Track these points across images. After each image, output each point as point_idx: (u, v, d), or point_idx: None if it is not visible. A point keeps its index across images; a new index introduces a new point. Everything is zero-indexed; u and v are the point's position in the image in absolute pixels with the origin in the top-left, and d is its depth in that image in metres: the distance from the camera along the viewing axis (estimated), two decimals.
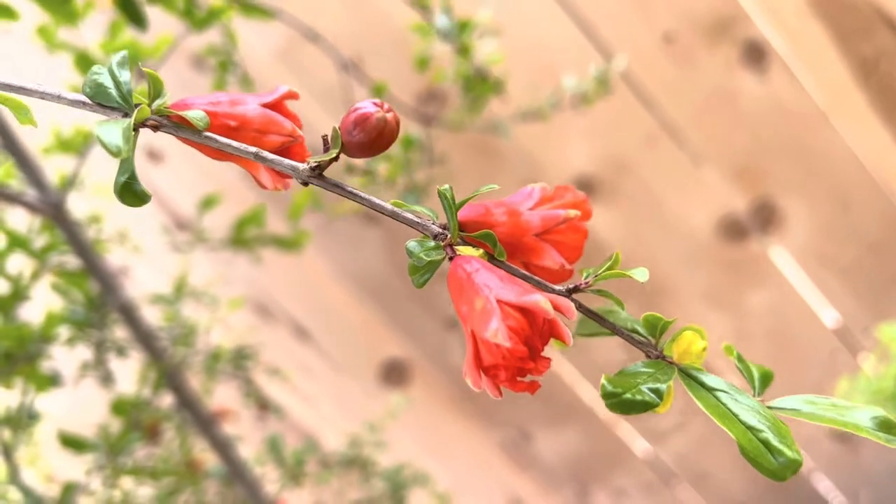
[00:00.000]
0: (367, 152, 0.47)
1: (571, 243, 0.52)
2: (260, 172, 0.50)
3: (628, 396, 0.42)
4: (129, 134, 0.43)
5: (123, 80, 0.46)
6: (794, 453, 0.39)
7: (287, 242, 1.34)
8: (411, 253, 0.47)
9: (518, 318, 0.42)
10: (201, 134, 0.47)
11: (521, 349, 0.41)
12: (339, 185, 0.47)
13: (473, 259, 0.46)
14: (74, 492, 1.13)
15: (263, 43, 1.66)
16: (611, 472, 2.02)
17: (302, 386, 1.93)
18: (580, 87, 1.43)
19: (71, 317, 1.24)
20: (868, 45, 1.65)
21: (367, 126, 0.46)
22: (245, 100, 0.50)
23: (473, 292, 0.44)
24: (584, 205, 0.53)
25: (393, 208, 0.47)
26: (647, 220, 1.79)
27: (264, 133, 0.49)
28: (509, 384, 0.43)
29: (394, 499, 1.58)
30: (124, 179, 0.45)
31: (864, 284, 1.82)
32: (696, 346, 0.45)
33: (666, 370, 0.44)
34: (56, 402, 1.60)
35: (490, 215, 0.51)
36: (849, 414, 0.42)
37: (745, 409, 0.42)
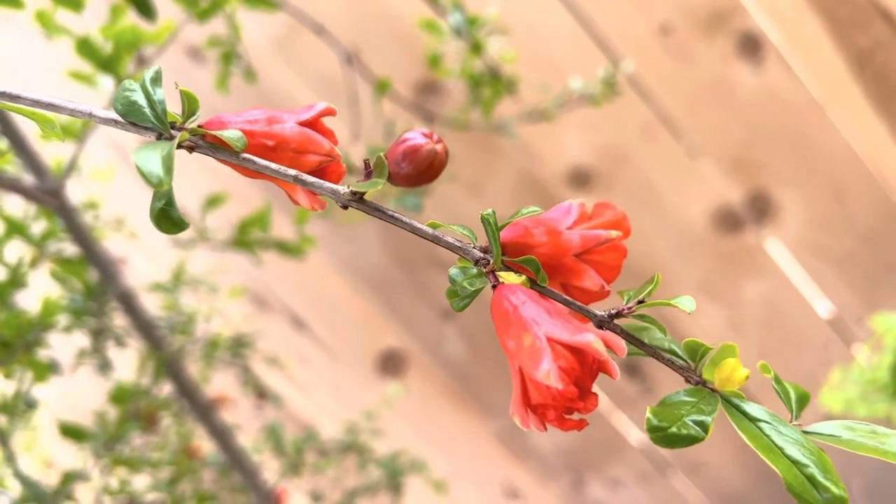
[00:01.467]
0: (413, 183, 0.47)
1: (611, 263, 0.51)
2: (297, 193, 0.48)
3: (674, 430, 0.41)
4: (171, 163, 0.40)
5: (158, 99, 0.44)
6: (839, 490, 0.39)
7: (290, 248, 1.33)
8: (454, 281, 0.46)
9: (569, 357, 0.41)
10: (239, 156, 0.45)
11: (571, 390, 0.40)
12: (380, 210, 0.46)
13: (519, 290, 0.45)
14: (73, 480, 1.13)
15: (260, 32, 1.66)
16: (606, 461, 2.03)
17: (299, 376, 1.93)
18: (587, 88, 1.42)
19: (69, 305, 1.24)
20: (864, 36, 1.66)
21: (417, 158, 0.46)
22: (282, 118, 0.48)
23: (521, 327, 0.43)
24: (624, 223, 0.52)
25: (434, 232, 0.46)
26: (643, 210, 1.79)
27: (302, 153, 0.48)
28: (557, 423, 0.43)
29: (391, 486, 1.58)
30: (161, 206, 0.43)
31: (858, 275, 1.83)
32: (738, 373, 0.44)
33: (709, 399, 0.43)
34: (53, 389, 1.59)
35: (530, 236, 0.49)
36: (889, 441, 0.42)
37: (788, 441, 0.41)
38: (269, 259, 1.74)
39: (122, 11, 1.07)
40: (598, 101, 1.41)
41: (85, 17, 1.09)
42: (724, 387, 0.45)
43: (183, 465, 1.34)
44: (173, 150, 0.42)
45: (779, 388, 0.47)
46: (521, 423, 0.43)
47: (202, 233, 1.31)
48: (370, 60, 1.65)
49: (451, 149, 1.63)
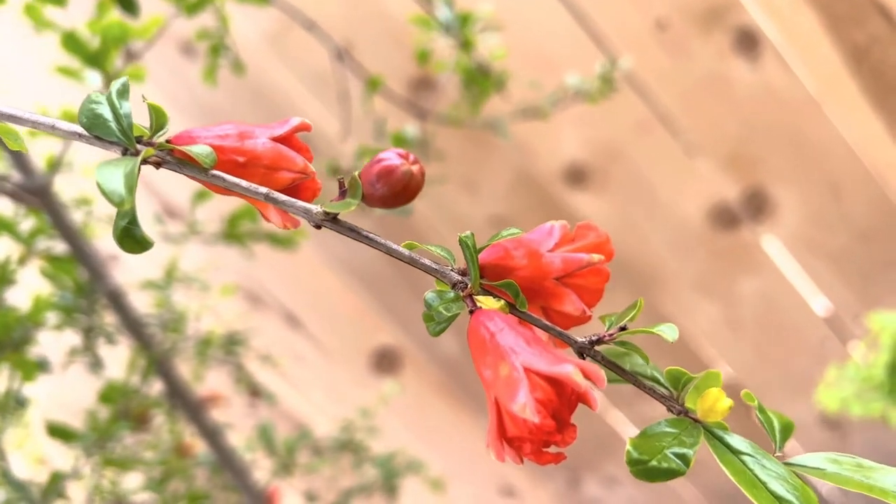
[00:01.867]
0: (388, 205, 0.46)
1: (592, 286, 0.49)
2: (269, 210, 0.47)
3: (654, 464, 0.40)
4: (133, 182, 0.39)
5: (124, 113, 0.43)
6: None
7: (281, 240, 1.32)
8: (429, 306, 0.45)
9: (546, 388, 0.39)
10: (208, 172, 0.44)
11: (548, 423, 0.39)
12: (354, 230, 0.45)
13: (496, 315, 0.43)
14: (61, 481, 1.12)
15: (253, 27, 1.64)
16: (602, 459, 2.03)
17: (293, 373, 1.92)
18: (583, 85, 1.40)
19: (59, 302, 1.23)
20: (860, 32, 1.65)
21: (392, 179, 0.45)
22: (254, 133, 0.47)
23: (498, 356, 0.41)
24: (607, 246, 0.50)
25: (411, 254, 0.45)
26: (638, 207, 1.78)
27: (275, 170, 0.46)
28: (534, 457, 0.41)
29: (386, 487, 1.58)
30: (124, 224, 0.42)
31: (854, 272, 1.83)
32: (721, 404, 0.43)
33: (691, 431, 0.42)
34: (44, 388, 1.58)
35: (510, 258, 0.48)
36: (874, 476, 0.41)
37: (772, 476, 0.40)
38: (263, 256, 1.73)
39: (108, 6, 1.06)
40: (595, 98, 1.39)
41: (72, 12, 1.08)
42: (707, 417, 0.44)
43: (174, 465, 1.33)
44: (136, 167, 0.40)
45: (762, 418, 0.46)
46: (496, 456, 0.42)
47: (192, 226, 1.30)
48: (364, 57, 1.63)
49: (445, 146, 1.62)
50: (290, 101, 1.66)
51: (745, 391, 0.45)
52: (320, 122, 1.66)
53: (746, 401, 0.45)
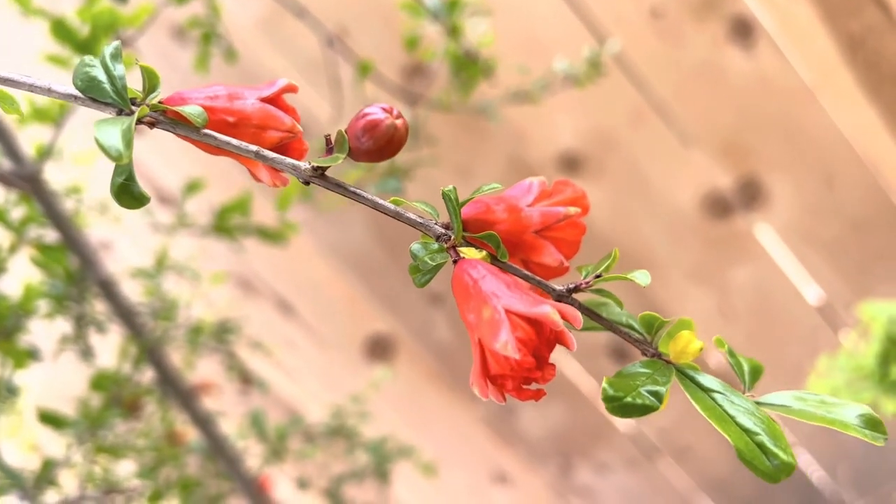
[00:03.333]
0: (374, 158, 0.47)
1: (570, 239, 0.52)
2: (258, 169, 0.49)
3: (629, 400, 0.42)
4: (130, 137, 0.41)
5: (118, 74, 0.44)
6: (788, 456, 0.40)
7: (272, 234, 1.31)
8: (415, 256, 0.47)
9: (526, 328, 0.42)
10: (199, 131, 0.45)
11: (529, 360, 0.41)
12: (341, 186, 0.46)
13: (479, 264, 0.46)
14: (52, 468, 1.12)
15: (246, 12, 1.63)
16: (594, 446, 2.04)
17: (286, 361, 1.92)
18: (571, 69, 1.40)
19: (50, 290, 1.22)
20: (855, 21, 1.64)
21: (377, 133, 0.46)
22: (243, 94, 0.49)
23: (481, 301, 0.44)
24: (583, 200, 0.53)
25: (396, 209, 0.46)
26: (632, 195, 1.78)
27: (263, 129, 0.48)
28: (516, 393, 0.44)
29: (378, 472, 1.58)
30: (121, 181, 0.44)
31: (847, 262, 1.83)
32: (692, 346, 0.45)
33: (664, 371, 0.45)
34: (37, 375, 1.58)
35: (491, 213, 0.50)
36: (836, 411, 0.43)
37: (740, 411, 0.42)
38: (255, 243, 1.73)
39: None
40: (583, 83, 1.39)
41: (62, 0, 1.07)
42: (679, 359, 0.46)
43: (165, 452, 1.33)
44: (133, 124, 0.42)
45: (732, 361, 0.48)
46: (479, 393, 0.44)
47: (182, 218, 1.30)
48: (358, 43, 1.62)
49: (438, 132, 1.62)
50: None
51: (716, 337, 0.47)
52: (312, 107, 1.65)
53: (717, 346, 0.47)
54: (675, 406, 1.97)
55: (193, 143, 0.47)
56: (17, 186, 1.08)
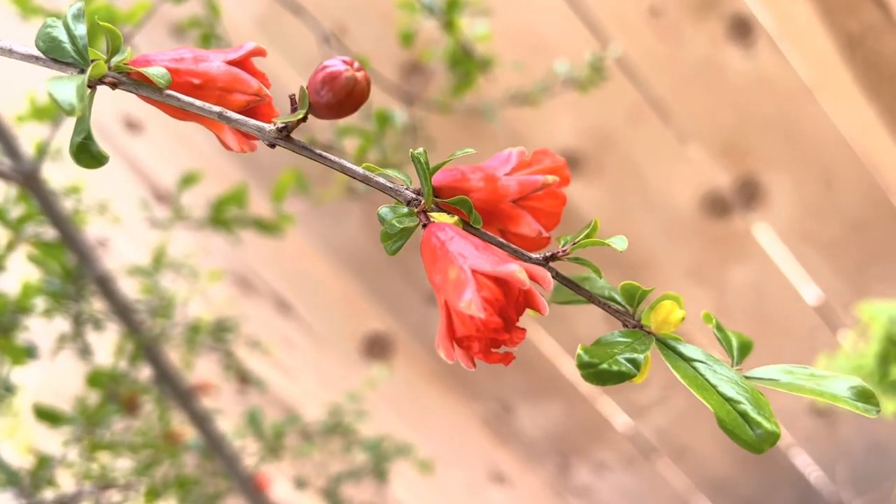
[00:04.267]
0: (335, 113, 0.46)
1: (549, 210, 0.51)
2: (225, 133, 0.48)
3: (605, 367, 0.41)
4: (84, 91, 0.40)
5: (79, 34, 0.44)
6: (772, 425, 0.39)
7: (268, 226, 1.31)
8: (383, 220, 0.46)
9: (493, 288, 0.41)
10: (162, 92, 0.45)
11: (495, 321, 0.40)
12: (306, 148, 0.45)
13: (447, 226, 0.45)
14: (48, 466, 1.12)
15: (243, 10, 1.63)
16: (592, 445, 2.04)
17: (283, 359, 1.92)
18: (572, 72, 1.39)
19: (47, 288, 1.22)
20: (854, 20, 1.64)
21: (336, 85, 0.45)
22: (209, 57, 0.48)
23: (447, 261, 0.43)
24: (563, 170, 0.52)
25: (365, 172, 0.46)
26: (631, 194, 1.78)
27: (229, 91, 0.47)
28: (483, 356, 0.42)
29: (376, 471, 1.58)
30: (80, 140, 0.43)
31: (846, 261, 1.83)
32: (674, 315, 0.45)
33: (644, 340, 0.44)
34: (35, 374, 1.58)
35: (466, 181, 0.49)
36: (826, 384, 0.42)
37: (723, 380, 0.41)
38: (253, 241, 1.73)
39: None
40: (585, 86, 1.38)
41: None
42: (661, 329, 0.45)
43: (162, 450, 1.33)
44: (86, 78, 0.41)
45: (720, 336, 0.47)
46: (445, 355, 0.43)
47: (178, 211, 1.30)
48: (356, 41, 1.62)
49: (435, 131, 1.61)
50: (279, 84, 1.65)
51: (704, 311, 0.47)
52: None
53: (705, 321, 0.46)
54: (674, 406, 1.98)
55: (159, 105, 0.46)
56: (18, 182, 1.08)
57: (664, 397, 1.96)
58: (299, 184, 1.36)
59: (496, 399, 2.00)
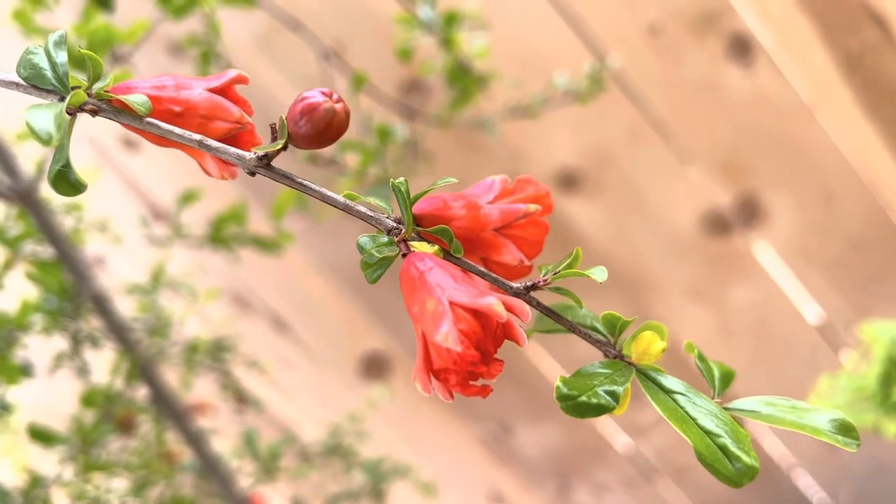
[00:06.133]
0: (313, 144, 0.45)
1: (531, 238, 0.51)
2: (206, 160, 0.48)
3: (584, 399, 0.41)
4: (62, 119, 0.40)
5: (60, 62, 0.44)
6: (751, 459, 0.39)
7: (268, 244, 1.31)
8: (362, 249, 0.46)
9: (470, 321, 0.41)
10: (143, 120, 0.45)
11: (472, 353, 0.40)
12: (287, 177, 0.45)
13: (427, 256, 0.45)
14: (42, 485, 1.11)
15: (242, 28, 1.63)
16: (592, 466, 2.02)
17: (281, 379, 1.91)
18: (572, 85, 1.40)
19: (44, 306, 1.22)
20: (854, 39, 1.64)
21: (315, 117, 0.45)
22: (191, 84, 0.48)
23: (425, 292, 0.43)
24: (546, 199, 0.51)
25: (346, 201, 0.46)
26: (630, 213, 1.78)
27: (210, 119, 0.47)
28: (460, 388, 0.42)
29: (374, 492, 1.56)
30: (58, 168, 0.43)
31: (847, 280, 1.82)
32: (655, 346, 0.44)
33: (624, 371, 0.43)
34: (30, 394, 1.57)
35: (448, 209, 0.50)
36: (807, 416, 0.42)
37: (703, 412, 0.41)
38: (251, 260, 1.73)
39: (95, 10, 1.05)
40: (584, 99, 1.39)
41: (59, 16, 1.08)
42: (642, 360, 0.45)
43: (157, 470, 1.32)
44: (64, 108, 0.41)
45: (702, 366, 0.47)
46: (422, 388, 0.43)
47: (178, 229, 1.29)
48: (355, 58, 1.62)
49: (435, 146, 1.61)
50: (278, 101, 1.65)
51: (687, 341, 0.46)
52: None
53: (687, 351, 0.46)
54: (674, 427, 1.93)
55: (140, 132, 0.46)
56: (15, 200, 1.08)
57: (665, 418, 1.95)
58: (299, 202, 1.35)
59: (495, 420, 1.98)
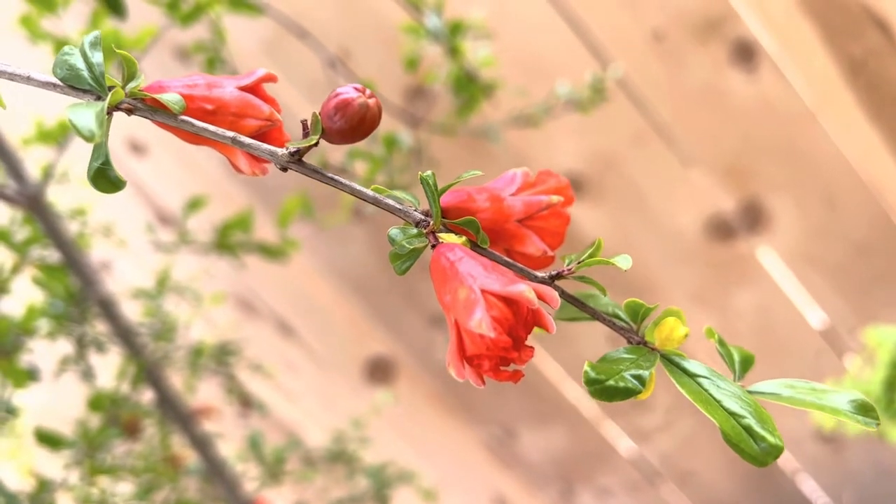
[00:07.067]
0: (347, 138, 0.47)
1: (554, 229, 0.52)
2: (237, 157, 0.49)
3: (611, 383, 0.42)
4: (103, 117, 0.41)
5: (96, 62, 0.45)
6: (776, 439, 0.40)
7: (273, 251, 1.32)
8: (393, 241, 0.47)
9: (502, 307, 0.42)
10: (177, 118, 0.46)
11: (504, 339, 0.41)
12: (318, 171, 0.46)
13: (456, 247, 0.46)
14: (48, 489, 1.11)
15: (249, 34, 1.64)
16: (596, 471, 2.02)
17: (286, 383, 1.91)
18: (574, 93, 1.40)
19: (51, 310, 1.22)
20: (857, 44, 1.65)
21: (349, 112, 0.46)
22: (222, 83, 0.49)
23: (457, 281, 0.44)
24: (567, 190, 0.53)
25: (374, 194, 0.47)
26: (634, 218, 1.78)
27: (241, 117, 0.48)
28: (493, 374, 0.43)
29: (377, 497, 1.57)
30: (98, 164, 0.44)
31: (850, 285, 1.82)
32: (677, 332, 0.46)
33: (648, 356, 0.45)
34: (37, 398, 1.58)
35: (472, 201, 0.51)
36: (827, 398, 0.43)
37: (727, 395, 0.42)
38: (256, 264, 1.73)
39: (102, 16, 1.06)
40: (586, 108, 1.39)
41: (66, 22, 1.08)
42: (665, 346, 0.46)
43: (162, 474, 1.32)
44: (105, 106, 0.42)
45: (722, 351, 0.48)
46: (456, 374, 0.44)
47: (184, 235, 1.30)
48: (360, 65, 1.63)
49: (440, 153, 1.62)
50: (285, 107, 1.66)
51: (706, 327, 0.47)
52: None
53: (708, 336, 0.47)
54: (678, 431, 1.96)
55: (173, 130, 0.47)
56: (22, 205, 1.08)
57: (668, 422, 1.95)
58: (305, 208, 1.36)
59: (499, 423, 1.99)
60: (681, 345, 0.46)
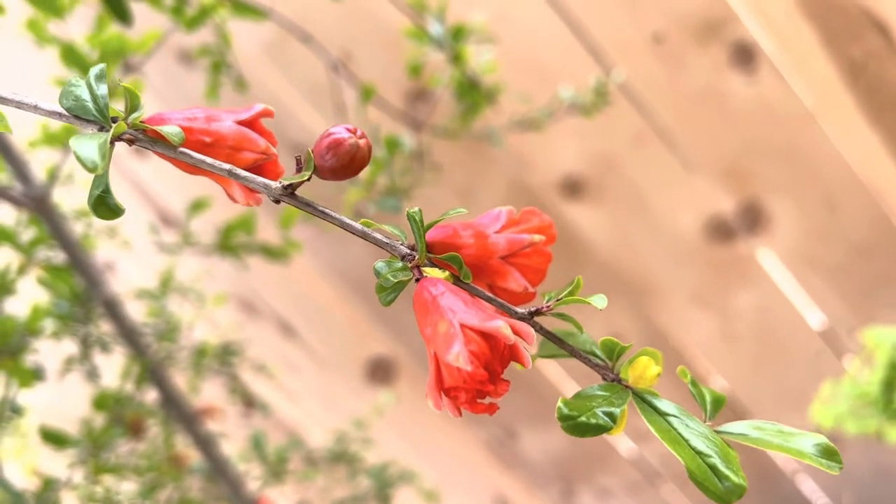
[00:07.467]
0: (338, 176, 0.49)
1: (536, 266, 0.54)
2: (232, 188, 0.51)
3: (583, 420, 0.43)
4: (106, 150, 0.43)
5: (101, 94, 0.47)
6: (739, 479, 0.41)
7: (275, 252, 1.33)
8: (378, 273, 0.48)
9: (480, 342, 0.43)
10: (176, 150, 0.48)
11: (481, 373, 0.43)
12: (310, 205, 0.48)
13: (439, 282, 0.48)
14: (53, 488, 1.12)
15: (251, 37, 1.65)
16: (596, 471, 2.03)
17: (288, 383, 1.92)
18: (577, 98, 1.41)
19: (56, 311, 1.24)
20: (856, 47, 1.66)
21: (340, 151, 0.48)
22: (220, 116, 0.51)
23: (438, 315, 0.45)
24: (550, 229, 0.55)
25: (363, 228, 0.48)
26: (634, 219, 1.79)
27: (238, 150, 0.50)
28: (469, 406, 0.45)
29: (379, 497, 1.58)
30: (98, 193, 0.46)
31: (850, 286, 1.83)
32: (650, 371, 0.47)
33: (621, 394, 0.46)
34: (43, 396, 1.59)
35: (458, 237, 0.53)
36: (793, 440, 0.45)
37: (694, 434, 0.44)
38: (259, 265, 1.74)
39: (107, 21, 1.07)
40: (589, 112, 1.40)
41: (72, 27, 1.09)
42: (638, 384, 0.48)
43: (166, 473, 1.34)
44: (108, 138, 0.44)
45: (694, 391, 0.50)
46: (433, 405, 0.45)
47: (187, 237, 1.31)
48: (362, 68, 1.64)
49: (441, 156, 1.63)
50: (287, 110, 1.68)
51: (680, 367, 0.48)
52: (317, 130, 1.67)
53: (681, 377, 0.48)
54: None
55: (172, 161, 0.49)
56: (29, 206, 1.09)
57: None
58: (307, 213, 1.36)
59: (500, 424, 2.00)
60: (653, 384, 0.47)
